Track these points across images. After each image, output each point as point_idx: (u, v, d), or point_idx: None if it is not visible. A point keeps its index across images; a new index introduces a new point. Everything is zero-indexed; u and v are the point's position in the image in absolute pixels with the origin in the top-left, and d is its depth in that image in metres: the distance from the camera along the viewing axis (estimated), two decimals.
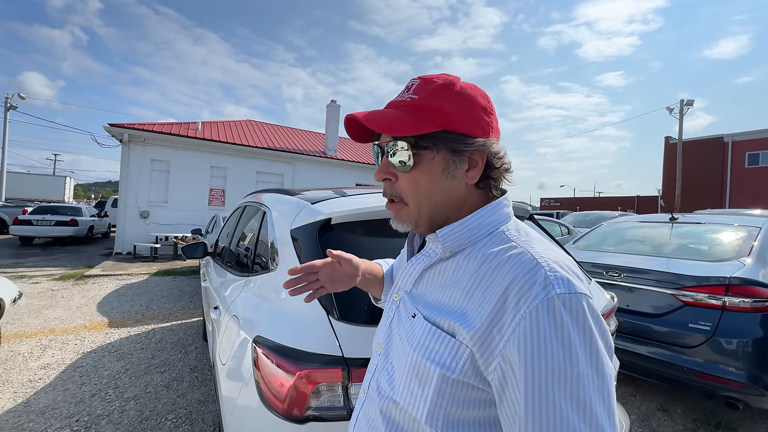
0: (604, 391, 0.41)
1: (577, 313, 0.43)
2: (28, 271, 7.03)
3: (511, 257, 0.49)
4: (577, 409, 0.40)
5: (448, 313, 0.51)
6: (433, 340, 0.51)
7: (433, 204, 0.56)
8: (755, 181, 21.21)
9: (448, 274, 0.55)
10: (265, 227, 1.63)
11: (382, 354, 0.62)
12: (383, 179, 0.58)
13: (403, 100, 0.56)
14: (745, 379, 2.07)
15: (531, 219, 1.81)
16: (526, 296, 0.44)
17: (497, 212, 0.56)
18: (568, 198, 39.40)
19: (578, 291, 0.44)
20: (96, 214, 13.18)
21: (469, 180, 0.56)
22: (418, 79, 0.57)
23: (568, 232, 7.30)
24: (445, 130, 0.53)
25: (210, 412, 2.41)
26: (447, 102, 0.53)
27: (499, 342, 0.44)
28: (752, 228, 2.80)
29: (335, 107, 13.96)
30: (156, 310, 4.77)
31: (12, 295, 3.16)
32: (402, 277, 0.63)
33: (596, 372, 0.41)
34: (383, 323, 0.65)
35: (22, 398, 2.52)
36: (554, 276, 0.44)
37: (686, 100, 16.52)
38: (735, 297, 2.19)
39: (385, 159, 0.57)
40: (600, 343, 0.43)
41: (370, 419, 0.59)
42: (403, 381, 0.53)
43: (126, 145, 9.56)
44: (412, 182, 0.55)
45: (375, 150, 0.61)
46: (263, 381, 1.05)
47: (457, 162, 0.55)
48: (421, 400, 0.50)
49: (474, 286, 0.50)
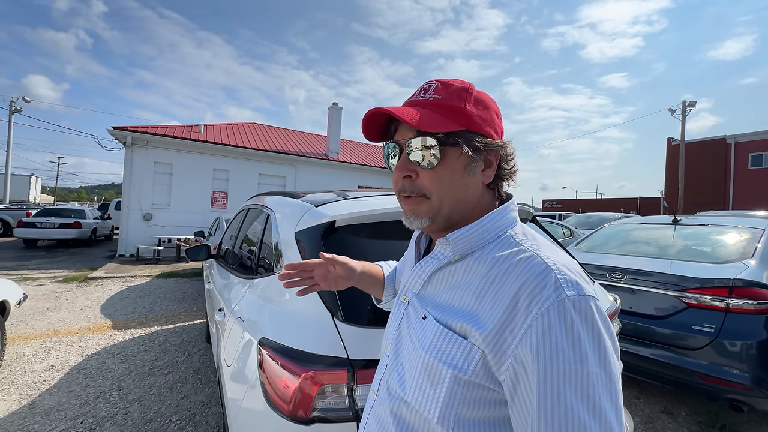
0: (612, 390, 0.43)
1: (586, 314, 0.44)
2: (32, 273, 7.07)
3: (522, 261, 0.50)
4: (586, 406, 0.41)
5: (459, 315, 0.52)
6: (444, 341, 0.52)
7: (454, 200, 0.57)
8: (758, 182, 21.10)
9: (458, 277, 0.56)
10: (269, 230, 1.64)
11: (391, 355, 0.63)
12: (404, 176, 0.59)
13: (425, 99, 0.57)
14: (749, 382, 2.06)
15: (533, 221, 1.81)
16: (538, 298, 0.45)
17: (504, 216, 0.58)
18: (571, 199, 39.31)
19: (587, 293, 0.45)
20: (99, 216, 13.25)
21: (486, 179, 0.59)
22: (436, 81, 0.59)
23: (571, 234, 7.28)
24: (468, 129, 0.55)
25: (213, 414, 2.42)
26: (469, 104, 0.56)
27: (512, 343, 0.45)
28: (756, 230, 2.80)
29: (337, 109, 14.00)
30: (159, 312, 4.79)
31: (17, 297, 3.18)
32: (410, 279, 0.64)
33: (604, 371, 0.43)
34: (392, 325, 0.66)
35: (27, 400, 2.54)
36: (564, 279, 0.46)
37: (689, 102, 16.49)
38: (739, 299, 2.18)
39: (405, 155, 0.58)
40: (608, 343, 0.44)
41: (380, 419, 0.60)
42: (415, 382, 0.54)
43: (129, 147, 9.61)
44: (436, 178, 0.56)
45: (390, 148, 0.61)
46: (268, 383, 1.06)
47: (476, 160, 0.57)
48: (433, 400, 0.51)
49: (485, 288, 0.51)
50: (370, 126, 0.61)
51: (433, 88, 0.58)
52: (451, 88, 0.57)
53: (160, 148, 10.03)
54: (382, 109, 0.55)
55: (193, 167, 10.53)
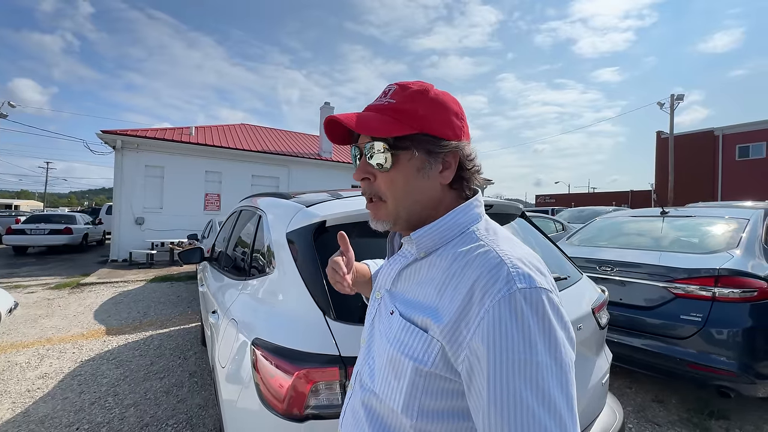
0: (562, 379, 0.44)
1: (537, 306, 0.45)
2: (23, 280, 6.98)
3: (479, 255, 0.52)
4: (536, 396, 0.42)
5: (421, 309, 0.54)
6: (407, 335, 0.54)
7: (411, 202, 0.59)
8: (746, 173, 21.47)
9: (423, 273, 0.58)
10: (261, 231, 1.65)
11: (365, 349, 0.66)
12: (362, 179, 0.61)
13: (381, 103, 0.59)
14: (735, 368, 2.12)
15: (523, 216, 1.84)
16: (490, 291, 0.47)
17: (467, 213, 0.59)
18: (563, 194, 39.64)
19: (538, 285, 0.47)
20: (90, 221, 13.09)
21: (444, 180, 0.59)
22: (395, 84, 0.60)
23: (563, 228, 7.35)
24: (421, 132, 0.56)
25: (210, 417, 2.42)
26: (422, 106, 0.57)
27: (467, 335, 0.47)
28: (741, 220, 2.86)
29: (328, 109, 13.98)
30: (154, 316, 4.76)
31: (8, 305, 3.15)
32: (382, 276, 0.67)
33: (554, 361, 0.44)
34: (367, 320, 0.69)
35: (20, 408, 2.52)
36: (516, 272, 0.47)
37: (677, 95, 16.69)
38: (724, 288, 2.23)
39: (363, 159, 0.60)
40: (559, 334, 0.46)
41: (355, 411, 0.62)
42: (382, 374, 0.57)
43: (119, 151, 9.50)
44: (390, 181, 0.58)
45: (353, 151, 0.63)
46: (263, 382, 1.07)
47: (432, 163, 0.58)
48: (397, 391, 0.53)
49: (445, 283, 0.53)
50: (334, 133, 0.63)
51: (391, 92, 0.59)
52: (407, 91, 0.58)
53: (150, 151, 9.93)
54: (334, 117, 0.57)
55: (184, 170, 10.44)
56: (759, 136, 21.29)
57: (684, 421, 2.34)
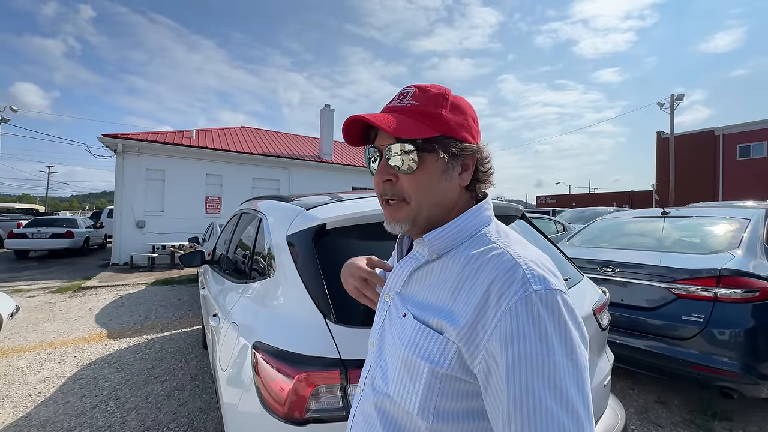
0: (578, 378, 0.45)
1: (552, 307, 0.46)
2: (24, 284, 6.99)
3: (492, 258, 0.52)
4: (553, 394, 0.43)
5: (435, 311, 0.54)
6: (422, 337, 0.54)
7: (432, 204, 0.59)
8: (746, 172, 21.44)
9: (435, 275, 0.58)
10: (262, 234, 1.65)
11: (375, 352, 0.65)
12: (384, 180, 0.61)
13: (403, 105, 0.59)
14: (738, 369, 2.11)
15: (523, 218, 1.84)
16: (506, 293, 0.47)
17: (479, 216, 0.60)
18: (564, 195, 39.60)
19: (553, 287, 0.48)
20: (92, 225, 13.11)
21: (462, 182, 0.60)
22: (414, 87, 0.61)
23: (564, 229, 7.34)
24: (444, 135, 0.57)
25: (212, 420, 2.42)
26: (446, 110, 0.58)
27: (483, 337, 0.48)
28: (742, 220, 2.85)
29: (329, 111, 14.00)
30: (155, 319, 4.76)
31: (9, 309, 3.16)
32: (392, 279, 0.67)
33: (571, 361, 0.45)
34: (376, 323, 0.69)
35: (22, 412, 2.52)
36: (531, 274, 0.48)
37: (677, 95, 16.70)
38: (726, 288, 2.23)
39: (385, 160, 0.60)
40: (574, 334, 0.47)
41: (367, 414, 0.62)
42: (396, 376, 0.57)
43: (120, 155, 9.53)
44: (415, 183, 0.58)
45: (370, 152, 0.63)
46: (263, 386, 1.07)
47: (454, 165, 0.59)
48: (413, 393, 0.53)
49: (459, 286, 0.53)
50: (351, 132, 0.63)
51: (411, 94, 0.60)
52: (428, 94, 0.59)
53: (151, 154, 9.96)
54: (361, 117, 0.57)
55: (185, 173, 10.47)
56: (759, 136, 21.27)
57: (687, 423, 2.33)
